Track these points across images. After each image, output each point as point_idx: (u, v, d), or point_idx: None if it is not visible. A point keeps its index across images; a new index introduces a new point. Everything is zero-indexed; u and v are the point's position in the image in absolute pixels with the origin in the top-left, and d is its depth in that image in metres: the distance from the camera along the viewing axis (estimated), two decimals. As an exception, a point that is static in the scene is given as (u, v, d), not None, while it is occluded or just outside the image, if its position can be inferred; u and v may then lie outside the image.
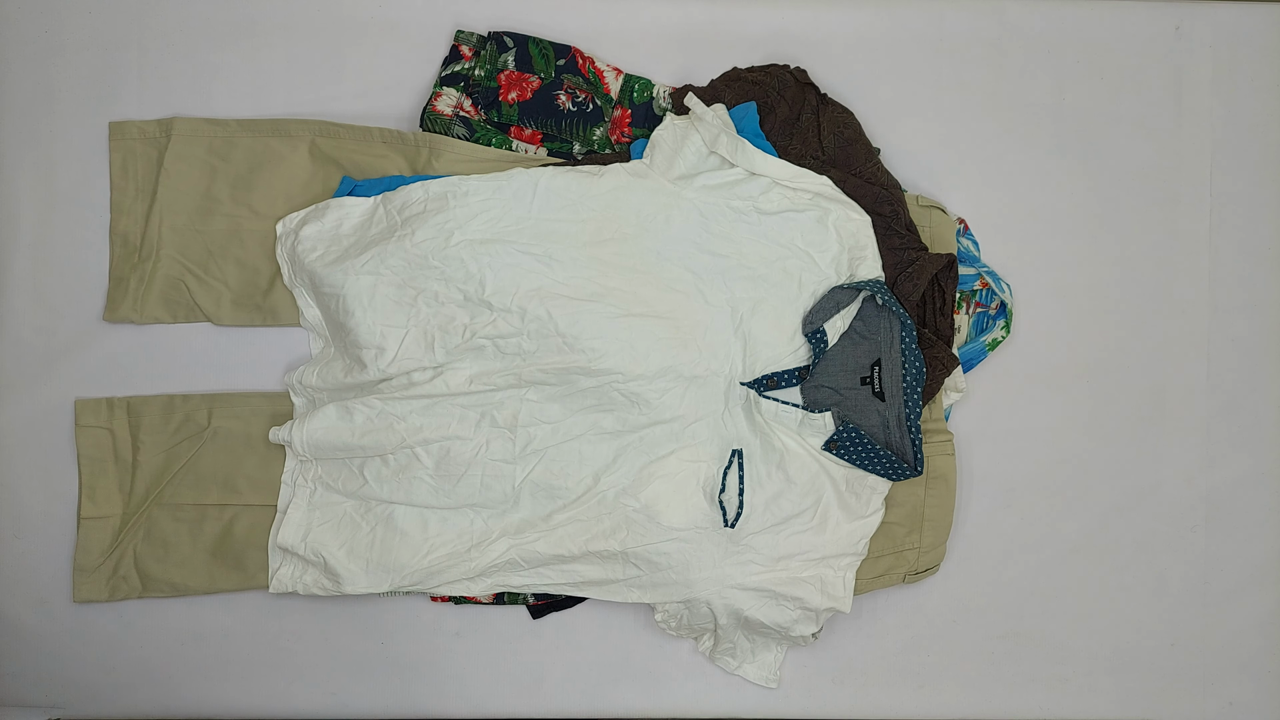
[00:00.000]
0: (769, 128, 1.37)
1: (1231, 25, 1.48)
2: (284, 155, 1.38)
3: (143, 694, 1.39)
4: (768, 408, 1.32)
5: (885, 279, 1.34)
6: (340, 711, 1.41)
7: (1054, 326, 1.47)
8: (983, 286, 1.41)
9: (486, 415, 1.33)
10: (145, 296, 1.38)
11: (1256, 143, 1.48)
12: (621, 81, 1.41)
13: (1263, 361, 1.48)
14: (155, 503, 1.37)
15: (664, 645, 1.43)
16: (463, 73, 1.40)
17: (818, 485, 1.32)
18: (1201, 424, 1.48)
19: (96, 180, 1.39)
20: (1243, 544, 1.48)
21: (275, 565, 1.36)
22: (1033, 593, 1.46)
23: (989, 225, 1.45)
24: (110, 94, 1.40)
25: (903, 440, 1.32)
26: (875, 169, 1.37)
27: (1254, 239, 1.48)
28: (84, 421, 1.38)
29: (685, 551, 1.33)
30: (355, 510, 1.36)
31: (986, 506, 1.46)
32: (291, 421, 1.34)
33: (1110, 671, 1.47)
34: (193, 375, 1.40)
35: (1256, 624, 1.48)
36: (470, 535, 1.34)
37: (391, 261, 1.32)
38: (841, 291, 1.32)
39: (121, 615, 1.39)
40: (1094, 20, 1.47)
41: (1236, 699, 1.48)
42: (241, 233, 1.38)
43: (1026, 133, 1.47)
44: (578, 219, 1.34)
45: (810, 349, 1.33)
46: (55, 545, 1.38)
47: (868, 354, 1.34)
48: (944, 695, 1.45)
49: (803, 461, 1.32)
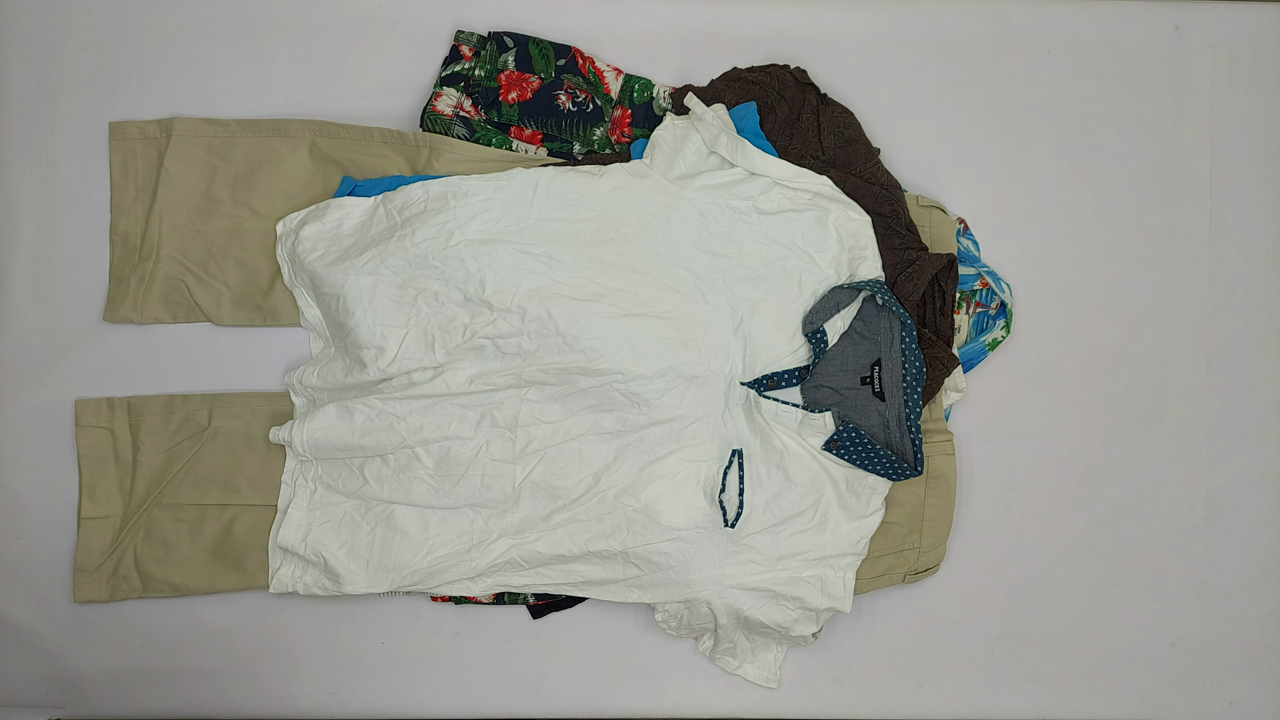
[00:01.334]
0: (769, 128, 1.37)
1: (1231, 25, 1.48)
2: (284, 155, 1.38)
3: (143, 694, 1.39)
4: (768, 408, 1.32)
5: (885, 279, 1.35)
6: (340, 711, 1.41)
7: (1054, 326, 1.47)
8: (983, 286, 1.41)
9: (486, 415, 1.33)
10: (145, 296, 1.38)
11: (1256, 143, 1.48)
12: (621, 81, 1.41)
13: (1263, 361, 1.48)
14: (155, 503, 1.37)
15: (664, 645, 1.43)
16: (463, 73, 1.40)
17: (818, 485, 1.32)
18: (1201, 424, 1.48)
19: (96, 180, 1.39)
20: (1243, 544, 1.48)
21: (275, 565, 1.36)
22: (1033, 593, 1.46)
23: (989, 225, 1.45)
24: (110, 94, 1.40)
25: (903, 440, 1.32)
26: (875, 169, 1.37)
27: (1254, 239, 1.48)
28: (84, 421, 1.38)
29: (685, 551, 1.33)
30: (355, 510, 1.36)
31: (986, 506, 1.46)
32: (291, 421, 1.34)
33: (1110, 671, 1.47)
34: (193, 375, 1.40)
35: (1256, 624, 1.48)
36: (470, 535, 1.34)
37: (391, 261, 1.32)
38: (841, 291, 1.32)
39: (121, 615, 1.39)
40: (1094, 20, 1.47)
41: (1236, 699, 1.48)
42: (241, 233, 1.38)
43: (1026, 133, 1.47)
44: (578, 219, 1.34)
45: (810, 349, 1.33)
46: (55, 545, 1.38)
47: (868, 354, 1.34)
48: (944, 695, 1.45)
49: (803, 461, 1.32)
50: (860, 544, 1.35)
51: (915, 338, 1.30)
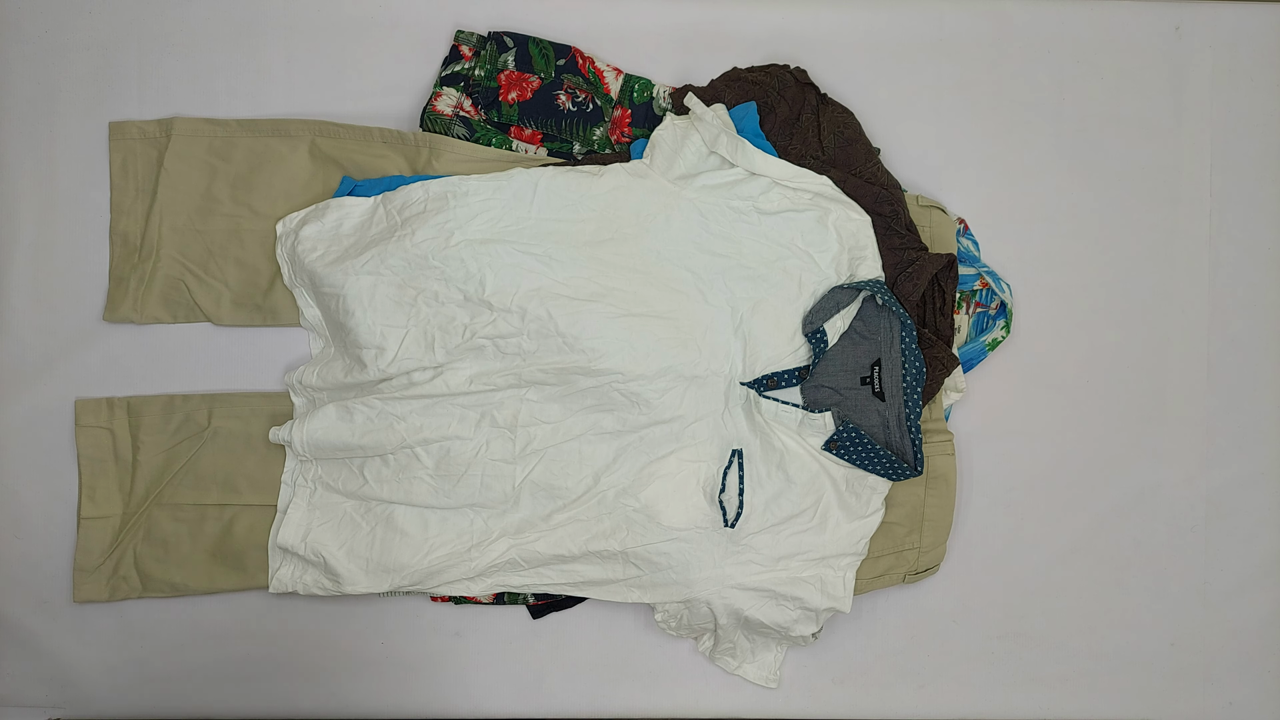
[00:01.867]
0: (769, 128, 1.37)
1: (1231, 25, 1.48)
2: (284, 155, 1.38)
3: (143, 694, 1.39)
4: (768, 408, 1.32)
5: (885, 279, 1.35)
6: (340, 711, 1.41)
7: (1054, 326, 1.47)
8: (983, 286, 1.41)
9: (486, 415, 1.33)
10: (145, 296, 1.38)
11: (1256, 143, 1.48)
12: (621, 81, 1.41)
13: (1263, 361, 1.48)
14: (155, 503, 1.37)
15: (664, 645, 1.43)
16: (463, 73, 1.40)
17: (818, 485, 1.32)
18: (1201, 424, 1.48)
19: (96, 180, 1.39)
20: (1243, 544, 1.48)
21: (275, 565, 1.36)
22: (1033, 593, 1.46)
23: (989, 225, 1.45)
24: (110, 94, 1.40)
25: (903, 440, 1.32)
26: (875, 169, 1.37)
27: (1254, 239, 1.48)
28: (84, 421, 1.38)
29: (685, 551, 1.33)
30: (355, 510, 1.36)
31: (986, 506, 1.46)
32: (291, 421, 1.34)
33: (1110, 671, 1.47)
34: (193, 375, 1.40)
35: (1256, 624, 1.48)
36: (470, 535, 1.34)
37: (391, 261, 1.32)
38: (841, 291, 1.32)
39: (121, 615, 1.39)
40: (1094, 20, 1.47)
41: (1236, 699, 1.48)
42: (241, 233, 1.38)
43: (1026, 133, 1.47)
44: (578, 219, 1.34)
45: (810, 349, 1.33)
46: (55, 545, 1.38)
47: (868, 354, 1.34)
48: (944, 695, 1.45)
49: (803, 461, 1.32)
50: (860, 544, 1.35)
51: (915, 338, 1.30)
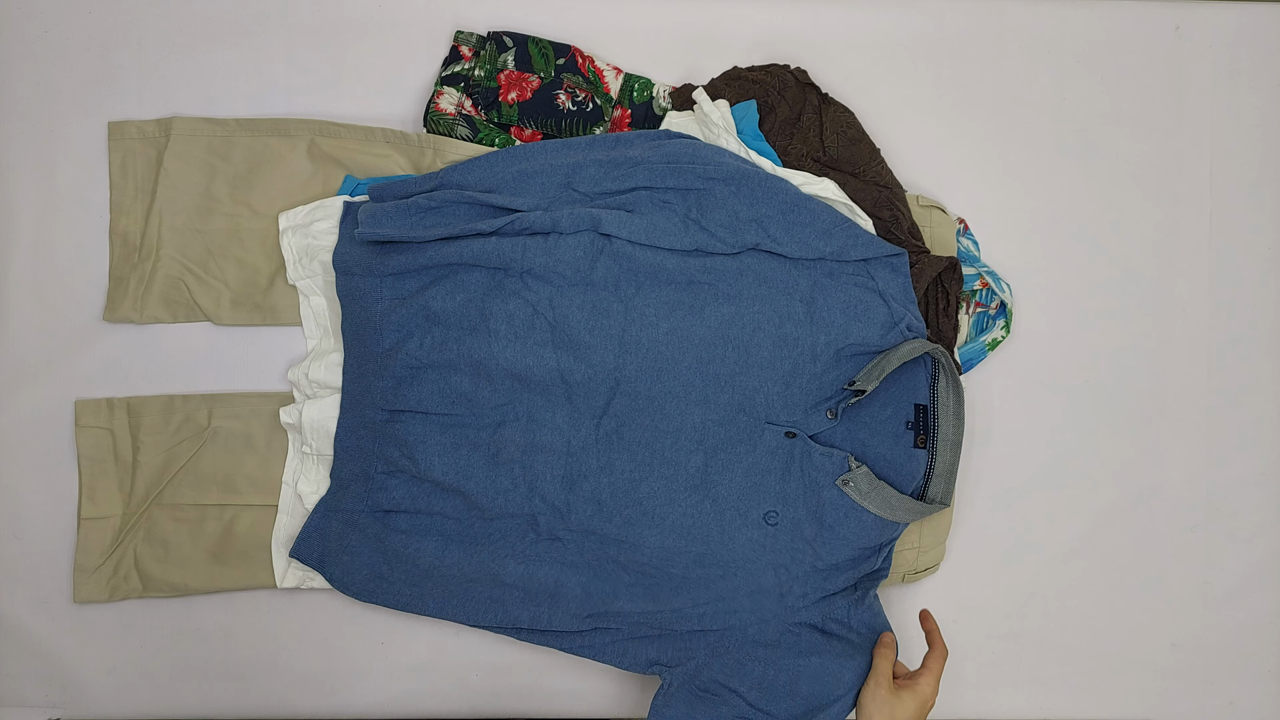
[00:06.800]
0: (769, 128, 1.37)
1: (1231, 25, 1.48)
2: (284, 155, 1.38)
3: (143, 694, 1.39)
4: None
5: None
6: (340, 711, 1.41)
7: (1054, 326, 1.47)
8: (983, 286, 1.41)
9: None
10: (145, 296, 1.38)
11: (1256, 143, 1.48)
12: (621, 81, 1.41)
13: (1263, 361, 1.48)
14: (155, 503, 1.37)
15: (664, 645, 1.43)
16: (463, 73, 1.40)
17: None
18: (1202, 424, 1.48)
19: (96, 180, 1.39)
20: (1243, 544, 1.48)
21: (283, 564, 1.36)
22: (1033, 593, 1.46)
23: (989, 225, 1.45)
24: (110, 94, 1.40)
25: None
26: (879, 169, 1.37)
27: (1254, 239, 1.48)
28: (84, 422, 1.38)
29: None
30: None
31: (986, 506, 1.46)
32: (295, 405, 1.34)
33: (1110, 671, 1.47)
34: (193, 375, 1.40)
35: (1256, 624, 1.48)
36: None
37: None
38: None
39: (121, 615, 1.39)
40: (1094, 20, 1.48)
41: (1236, 699, 1.48)
42: (241, 232, 1.38)
43: (1026, 133, 1.47)
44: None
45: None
46: (55, 545, 1.38)
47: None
48: (944, 695, 1.45)
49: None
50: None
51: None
